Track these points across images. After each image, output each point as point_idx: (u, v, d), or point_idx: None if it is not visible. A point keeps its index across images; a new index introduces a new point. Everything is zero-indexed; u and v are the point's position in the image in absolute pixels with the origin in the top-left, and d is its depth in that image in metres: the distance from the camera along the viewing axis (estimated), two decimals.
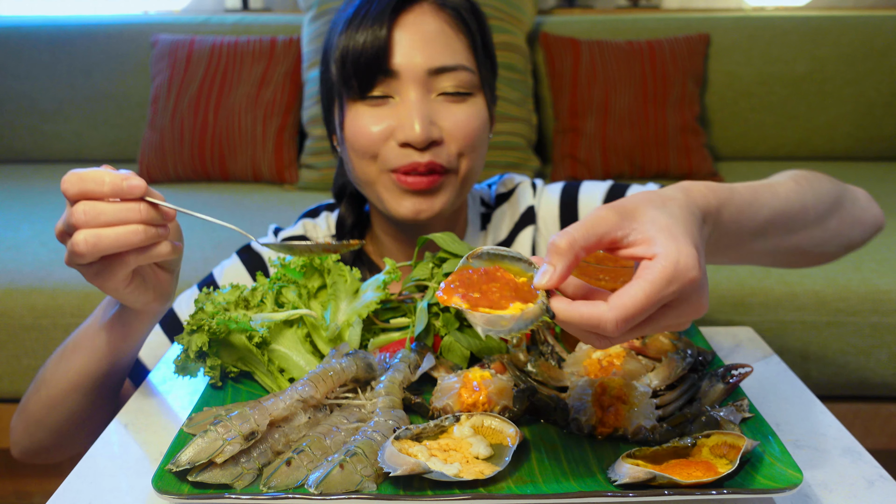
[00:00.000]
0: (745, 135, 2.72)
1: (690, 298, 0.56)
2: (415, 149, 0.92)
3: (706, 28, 2.64)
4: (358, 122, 0.94)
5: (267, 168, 2.49)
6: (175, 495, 0.60)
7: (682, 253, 0.54)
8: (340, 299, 0.84)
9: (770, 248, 0.76)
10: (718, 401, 0.72)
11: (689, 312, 0.56)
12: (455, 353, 0.82)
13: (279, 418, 0.67)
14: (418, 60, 0.92)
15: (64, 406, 0.90)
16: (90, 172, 0.69)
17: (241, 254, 1.09)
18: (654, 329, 0.57)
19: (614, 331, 0.53)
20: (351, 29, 0.93)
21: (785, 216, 0.74)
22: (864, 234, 0.91)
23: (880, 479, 0.67)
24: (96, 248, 0.68)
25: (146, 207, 0.70)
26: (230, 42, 2.54)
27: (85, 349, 0.87)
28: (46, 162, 2.80)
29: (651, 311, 0.54)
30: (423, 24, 0.93)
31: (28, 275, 1.82)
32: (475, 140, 0.95)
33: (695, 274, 0.54)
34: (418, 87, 0.92)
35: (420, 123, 0.90)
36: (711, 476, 0.58)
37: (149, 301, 0.79)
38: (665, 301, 0.54)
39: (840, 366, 1.81)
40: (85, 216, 0.68)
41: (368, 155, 0.94)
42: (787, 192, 0.76)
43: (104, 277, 0.73)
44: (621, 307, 0.53)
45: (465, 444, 0.64)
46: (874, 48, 2.64)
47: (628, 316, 0.53)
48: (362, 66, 0.92)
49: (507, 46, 2.43)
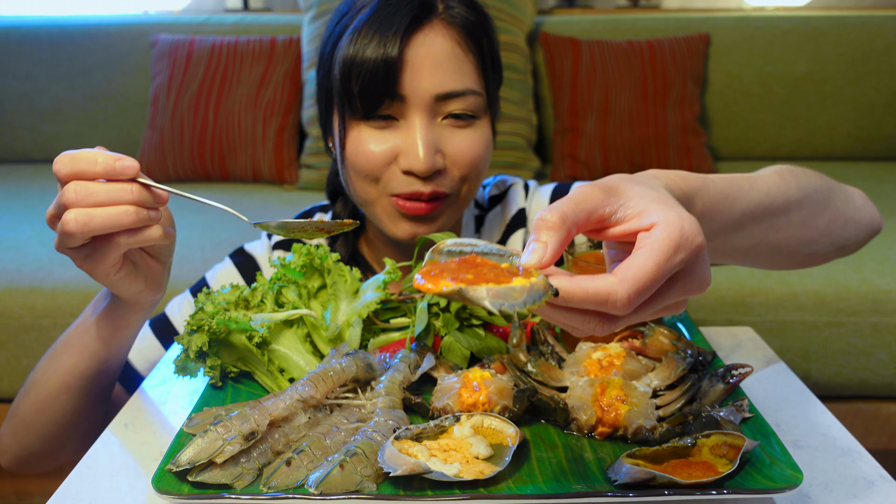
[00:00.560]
0: (745, 135, 2.72)
1: (696, 270, 0.52)
2: (418, 177, 0.90)
3: (706, 28, 2.64)
4: (360, 143, 0.91)
5: (267, 168, 2.49)
6: (175, 495, 0.60)
7: (685, 219, 0.51)
8: (340, 299, 0.84)
9: (751, 244, 0.73)
10: (718, 401, 0.72)
11: (693, 287, 0.53)
12: (455, 353, 0.82)
13: (279, 418, 0.67)
14: (427, 86, 0.88)
15: (54, 408, 0.89)
16: (83, 153, 0.69)
17: (234, 257, 1.08)
18: (658, 307, 0.53)
19: (626, 306, 0.48)
20: (358, 44, 0.88)
21: (765, 210, 0.71)
22: (859, 235, 0.88)
23: (880, 479, 0.67)
24: (87, 227, 0.67)
25: (138, 188, 0.69)
26: (230, 42, 2.54)
27: (75, 348, 0.86)
28: (46, 162, 2.80)
29: (660, 283, 0.50)
30: (433, 46, 0.89)
31: (28, 275, 1.82)
32: (479, 166, 0.94)
33: (701, 240, 0.51)
34: (424, 113, 0.89)
35: (425, 152, 0.88)
36: (711, 476, 0.58)
37: (140, 290, 0.78)
38: (673, 271, 0.50)
39: (840, 366, 1.81)
40: (76, 195, 0.67)
41: (370, 178, 0.92)
42: (769, 185, 0.72)
43: (95, 260, 0.72)
44: (632, 279, 0.48)
45: (466, 445, 0.64)
46: (874, 48, 2.64)
47: (640, 288, 0.48)
48: (369, 87, 0.87)
49: (507, 46, 2.43)
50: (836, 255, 0.88)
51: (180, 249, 1.96)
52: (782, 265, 0.86)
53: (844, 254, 0.89)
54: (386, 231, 0.96)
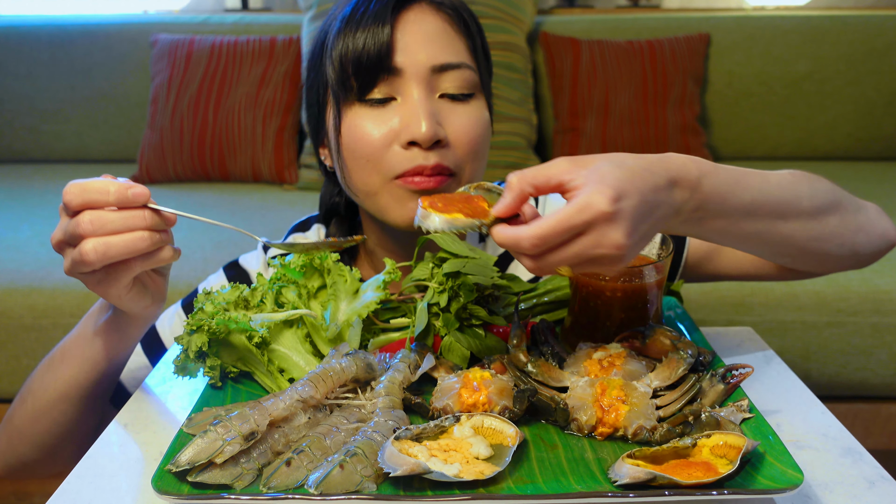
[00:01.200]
0: (746, 134, 2.72)
1: (603, 231, 0.61)
2: (420, 149, 0.87)
3: (706, 28, 2.64)
4: (358, 126, 0.89)
5: (267, 168, 2.49)
6: (175, 496, 0.59)
7: (597, 191, 0.60)
8: (340, 299, 0.84)
9: (762, 231, 0.76)
10: (719, 401, 0.72)
11: (604, 244, 0.61)
12: (455, 353, 0.82)
13: (279, 418, 0.67)
14: (422, 57, 0.88)
15: (49, 417, 0.89)
16: (93, 182, 0.71)
17: (228, 270, 1.07)
18: (570, 254, 0.62)
19: (530, 248, 0.61)
20: (349, 29, 0.88)
21: (775, 200, 0.76)
22: (871, 244, 0.88)
23: (881, 479, 0.67)
24: (106, 255, 0.70)
25: (150, 214, 0.72)
26: (230, 42, 2.54)
27: (75, 358, 0.87)
28: (46, 162, 2.80)
29: (564, 236, 0.61)
30: (423, 23, 0.89)
31: (28, 275, 1.82)
32: (480, 144, 0.92)
33: (604, 208, 0.60)
34: (422, 86, 0.88)
35: (426, 121, 0.86)
36: (712, 476, 0.58)
37: (147, 305, 0.81)
38: (576, 229, 0.61)
39: (841, 366, 1.81)
40: (92, 225, 0.69)
41: (371, 162, 0.89)
42: (780, 179, 0.77)
43: (108, 284, 0.75)
44: (536, 227, 0.61)
45: (466, 445, 0.64)
46: (875, 48, 2.64)
47: (542, 235, 0.61)
48: (363, 65, 0.87)
49: (507, 46, 2.43)
50: (849, 262, 0.88)
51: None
52: (798, 262, 0.86)
53: (858, 262, 0.89)
54: (393, 220, 0.91)
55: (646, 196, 0.63)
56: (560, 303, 0.90)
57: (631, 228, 0.62)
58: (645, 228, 0.64)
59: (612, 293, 0.80)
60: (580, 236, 0.61)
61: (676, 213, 0.68)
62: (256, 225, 2.10)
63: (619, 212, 0.61)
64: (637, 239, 0.63)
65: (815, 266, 0.88)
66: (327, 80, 0.92)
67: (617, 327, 0.82)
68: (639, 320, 0.82)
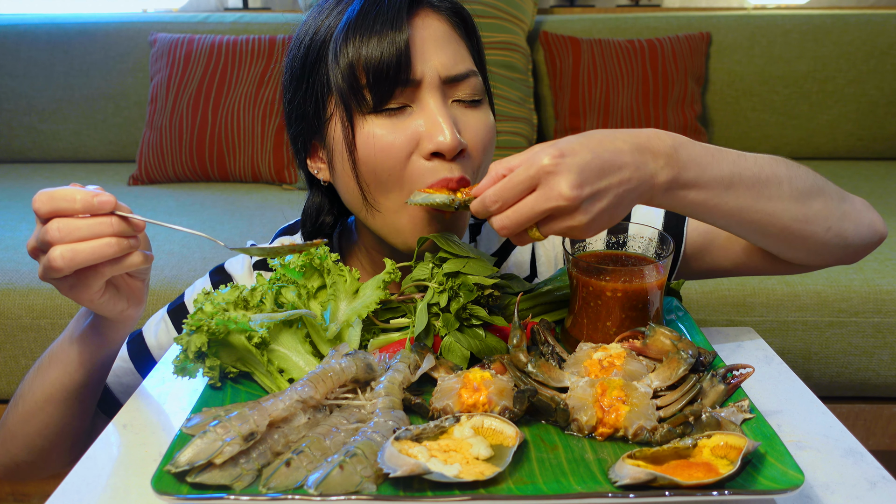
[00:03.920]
0: (747, 134, 2.72)
1: (549, 183, 0.68)
2: (443, 161, 0.84)
3: (707, 27, 2.63)
4: (378, 137, 0.84)
5: (266, 168, 2.49)
6: (174, 496, 0.59)
7: (542, 149, 0.68)
8: (340, 299, 0.83)
9: (745, 208, 0.79)
10: (719, 401, 0.72)
11: (551, 197, 0.68)
12: (455, 353, 0.81)
13: (278, 419, 0.67)
14: (436, 64, 0.84)
15: (38, 419, 0.91)
16: (60, 191, 0.72)
17: (214, 275, 1.06)
18: (527, 208, 0.69)
19: (491, 204, 0.71)
20: (359, 35, 0.83)
21: (754, 176, 0.79)
22: (860, 234, 0.88)
23: (882, 480, 0.67)
24: (73, 261, 0.71)
25: (117, 220, 0.73)
26: (229, 41, 2.54)
27: (61, 362, 0.89)
28: (45, 162, 2.80)
29: (516, 189, 0.69)
30: (430, 29, 0.86)
31: (26, 275, 1.82)
32: (491, 151, 0.90)
33: (545, 161, 0.67)
34: (437, 94, 0.84)
35: (449, 129, 0.82)
36: (713, 477, 0.58)
37: (123, 309, 0.83)
38: (525, 184, 0.69)
39: (842, 366, 1.81)
40: (59, 233, 0.71)
41: (393, 175, 0.84)
42: (757, 158, 0.81)
43: (79, 290, 0.77)
44: (495, 186, 0.71)
45: (466, 445, 0.64)
46: (876, 47, 2.64)
47: (497, 190, 0.70)
48: (382, 75, 0.82)
49: (508, 46, 2.43)
50: (839, 252, 0.88)
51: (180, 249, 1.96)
52: (781, 244, 0.85)
53: (847, 253, 0.89)
54: (403, 242, 0.89)
55: (599, 154, 0.69)
56: (560, 303, 0.90)
57: (577, 181, 0.67)
58: (603, 185, 0.69)
59: (612, 293, 0.80)
60: (532, 192, 0.69)
61: (652, 179, 0.72)
62: (255, 225, 2.10)
63: (560, 164, 0.67)
64: (591, 192, 0.68)
65: (806, 254, 0.87)
66: (327, 91, 0.86)
67: (617, 327, 0.82)
68: (639, 320, 0.82)
